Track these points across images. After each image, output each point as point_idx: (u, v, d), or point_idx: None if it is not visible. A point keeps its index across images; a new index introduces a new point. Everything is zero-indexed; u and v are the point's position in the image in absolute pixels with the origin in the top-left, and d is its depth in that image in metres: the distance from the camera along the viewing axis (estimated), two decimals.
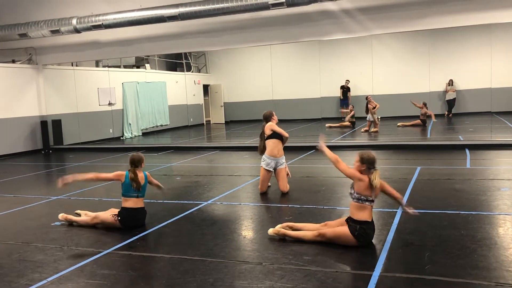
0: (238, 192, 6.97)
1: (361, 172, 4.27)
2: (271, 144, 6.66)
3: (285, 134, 6.68)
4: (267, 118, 6.78)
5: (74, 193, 7.41)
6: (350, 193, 4.35)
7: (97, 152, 13.46)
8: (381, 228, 4.81)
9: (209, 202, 6.36)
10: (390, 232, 4.64)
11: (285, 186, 6.64)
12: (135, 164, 5.25)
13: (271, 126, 6.68)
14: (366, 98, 15.09)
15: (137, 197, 5.20)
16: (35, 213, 6.27)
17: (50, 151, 13.94)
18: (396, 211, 5.38)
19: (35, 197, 7.31)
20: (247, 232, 5.03)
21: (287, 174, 6.80)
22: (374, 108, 14.41)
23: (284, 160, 6.78)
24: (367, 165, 4.24)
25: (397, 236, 4.54)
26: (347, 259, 4.03)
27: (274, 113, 6.87)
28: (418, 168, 8.07)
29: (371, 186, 4.21)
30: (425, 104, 15.82)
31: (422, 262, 3.88)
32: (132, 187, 5.13)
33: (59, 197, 7.22)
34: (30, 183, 8.92)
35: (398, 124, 15.90)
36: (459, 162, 8.84)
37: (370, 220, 4.27)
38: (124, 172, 5.23)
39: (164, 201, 6.31)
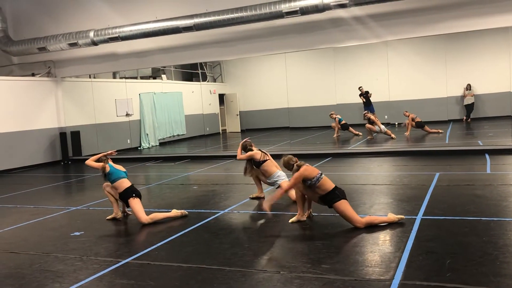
0: (255, 201, 6.96)
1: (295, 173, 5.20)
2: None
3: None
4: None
5: (92, 203, 7.49)
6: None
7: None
8: (400, 236, 4.75)
9: (226, 211, 6.37)
10: (410, 240, 4.58)
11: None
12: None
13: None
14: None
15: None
16: (55, 224, 6.36)
17: (69, 162, 14.14)
18: (415, 218, 5.31)
19: (55, 207, 7.41)
20: (264, 240, 5.01)
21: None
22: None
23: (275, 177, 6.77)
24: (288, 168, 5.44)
25: (417, 243, 4.48)
26: (366, 267, 3.98)
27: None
28: (437, 174, 7.96)
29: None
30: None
31: (442, 269, 3.81)
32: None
33: (78, 207, 7.31)
34: (50, 194, 9.05)
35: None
36: (479, 167, 8.70)
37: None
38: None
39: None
